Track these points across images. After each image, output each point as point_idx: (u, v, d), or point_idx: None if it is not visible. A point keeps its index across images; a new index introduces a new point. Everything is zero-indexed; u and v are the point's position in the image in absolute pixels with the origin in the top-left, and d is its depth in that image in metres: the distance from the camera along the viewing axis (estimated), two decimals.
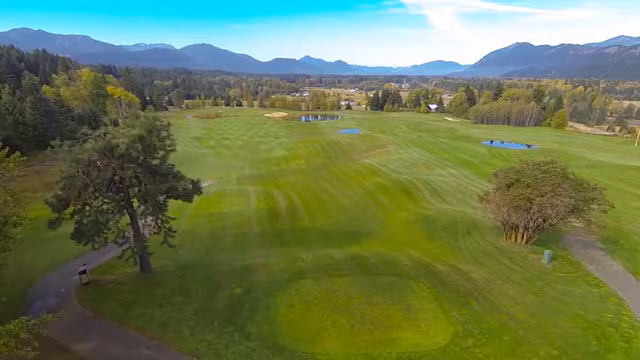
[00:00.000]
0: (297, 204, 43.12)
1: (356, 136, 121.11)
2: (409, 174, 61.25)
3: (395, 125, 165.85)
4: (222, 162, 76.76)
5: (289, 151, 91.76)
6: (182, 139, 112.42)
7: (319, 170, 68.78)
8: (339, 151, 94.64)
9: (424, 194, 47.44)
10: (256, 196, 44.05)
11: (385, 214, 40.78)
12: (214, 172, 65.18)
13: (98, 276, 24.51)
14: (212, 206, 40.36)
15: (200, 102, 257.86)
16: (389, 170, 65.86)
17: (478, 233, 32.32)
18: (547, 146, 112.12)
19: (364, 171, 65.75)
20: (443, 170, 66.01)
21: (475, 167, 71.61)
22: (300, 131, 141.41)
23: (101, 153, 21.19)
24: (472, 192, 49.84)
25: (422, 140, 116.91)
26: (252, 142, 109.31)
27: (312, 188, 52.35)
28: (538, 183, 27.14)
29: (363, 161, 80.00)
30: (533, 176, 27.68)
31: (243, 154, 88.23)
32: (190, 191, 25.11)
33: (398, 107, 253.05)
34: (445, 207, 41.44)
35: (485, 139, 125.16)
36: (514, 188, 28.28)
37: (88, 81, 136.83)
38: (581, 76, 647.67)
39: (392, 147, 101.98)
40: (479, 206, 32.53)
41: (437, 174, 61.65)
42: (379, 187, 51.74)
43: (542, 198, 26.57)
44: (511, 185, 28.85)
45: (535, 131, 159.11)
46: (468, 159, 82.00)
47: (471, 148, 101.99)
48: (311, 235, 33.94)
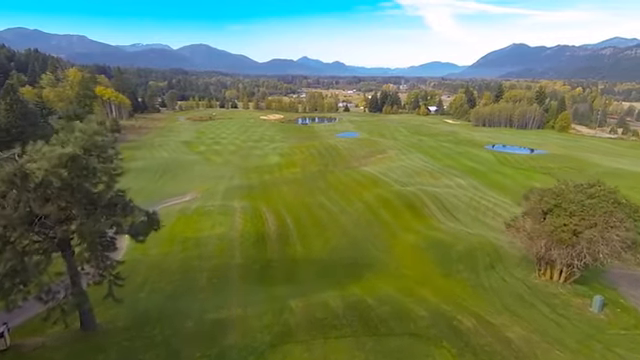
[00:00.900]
0: (289, 224, 37.50)
1: (355, 140, 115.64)
2: (413, 185, 55.77)
3: (394, 128, 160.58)
4: (211, 170, 71.01)
5: (284, 157, 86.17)
6: (171, 144, 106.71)
7: (315, 179, 63.21)
8: (337, 157, 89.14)
9: (432, 210, 41.94)
10: (242, 215, 38.40)
11: (389, 236, 35.25)
12: (200, 183, 59.50)
13: (22, 338, 18.79)
14: (190, 228, 34.66)
15: (194, 103, 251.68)
16: (391, 180, 60.34)
17: (503, 266, 26.85)
18: (554, 150, 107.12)
19: (364, 181, 60.22)
20: (450, 180, 60.56)
21: (483, 176, 66.25)
22: (296, 135, 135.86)
23: (9, 183, 15.44)
24: (485, 208, 44.46)
25: (423, 144, 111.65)
26: (245, 147, 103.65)
27: (307, 202, 46.74)
28: (585, 211, 21.68)
29: (362, 169, 74.47)
30: (578, 202, 22.19)
31: (234, 161, 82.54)
32: (143, 227, 19.38)
33: (397, 109, 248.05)
34: (458, 228, 35.95)
35: (488, 143, 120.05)
36: (553, 216, 22.78)
37: (75, 81, 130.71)
38: (578, 77, 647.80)
39: (393, 152, 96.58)
40: (506, 234, 26.96)
41: (444, 185, 56.20)
42: (381, 201, 46.24)
43: (592, 230, 21.16)
44: (549, 212, 23.38)
45: (539, 134, 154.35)
46: (474, 166, 76.64)
47: (475, 153, 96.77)
48: (303, 268, 28.42)
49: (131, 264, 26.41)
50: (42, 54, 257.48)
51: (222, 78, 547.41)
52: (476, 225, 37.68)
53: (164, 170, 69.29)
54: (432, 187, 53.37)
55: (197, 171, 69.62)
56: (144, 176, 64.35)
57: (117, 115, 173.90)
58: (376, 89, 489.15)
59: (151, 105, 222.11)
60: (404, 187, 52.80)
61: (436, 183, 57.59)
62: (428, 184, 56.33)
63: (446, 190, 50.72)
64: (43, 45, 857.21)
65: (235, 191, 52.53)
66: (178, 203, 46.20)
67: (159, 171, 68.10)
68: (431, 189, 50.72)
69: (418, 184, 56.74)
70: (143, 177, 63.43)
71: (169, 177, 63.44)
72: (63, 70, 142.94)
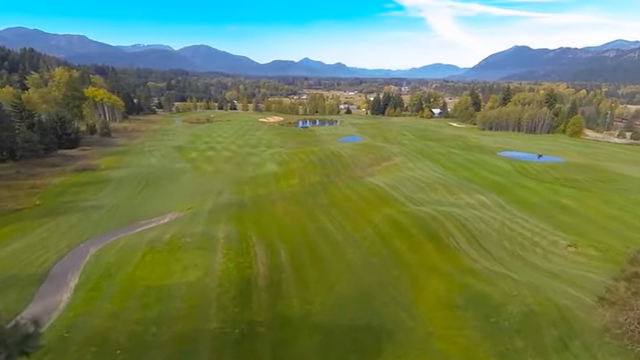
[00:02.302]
0: (283, 262, 29.98)
1: (358, 146, 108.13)
2: (429, 203, 48.25)
3: (398, 132, 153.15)
4: (199, 182, 63.44)
5: (282, 166, 78.65)
6: (162, 149, 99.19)
7: (316, 194, 55.71)
8: (339, 165, 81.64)
9: (459, 242, 34.37)
10: (226, 249, 30.87)
11: (411, 281, 27.73)
12: (185, 199, 52.00)
13: None
14: (156, 272, 27.10)
15: (191, 105, 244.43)
16: (402, 196, 52.86)
17: (580, 343, 19.30)
18: (571, 158, 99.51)
19: (371, 196, 52.73)
20: (470, 196, 52.98)
21: (506, 191, 58.64)
22: (296, 139, 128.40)
23: None
24: (522, 237, 36.85)
25: (431, 150, 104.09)
26: (241, 153, 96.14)
27: (305, 227, 39.20)
28: None
29: (368, 180, 66.93)
30: None
31: (227, 170, 74.96)
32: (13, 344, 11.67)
33: (400, 111, 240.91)
34: (499, 272, 28.30)
35: (500, 149, 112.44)
36: None
37: (61, 82, 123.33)
38: (581, 79, 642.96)
39: (399, 159, 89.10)
40: (599, 311, 19.32)
41: (465, 204, 48.61)
42: (394, 226, 38.74)
43: None
44: None
45: (550, 139, 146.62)
46: (493, 179, 69.10)
47: (489, 162, 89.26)
48: (300, 338, 20.84)
49: (62, 335, 18.93)
50: (37, 53, 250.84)
51: (223, 79, 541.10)
52: (519, 265, 30.09)
53: (148, 181, 61.83)
54: (452, 207, 45.82)
55: (184, 183, 62.08)
56: (124, 189, 56.93)
57: (110, 117, 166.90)
58: (377, 91, 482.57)
59: (146, 106, 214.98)
60: (419, 207, 45.25)
61: (455, 201, 50.01)
62: (447, 202, 48.78)
63: (470, 212, 43.10)
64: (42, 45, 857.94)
65: (223, 211, 44.99)
66: (153, 227, 38.80)
67: (142, 182, 60.63)
68: (452, 210, 43.16)
69: (434, 202, 49.21)
70: (122, 190, 56.01)
71: (151, 190, 56.00)
72: (49, 70, 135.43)
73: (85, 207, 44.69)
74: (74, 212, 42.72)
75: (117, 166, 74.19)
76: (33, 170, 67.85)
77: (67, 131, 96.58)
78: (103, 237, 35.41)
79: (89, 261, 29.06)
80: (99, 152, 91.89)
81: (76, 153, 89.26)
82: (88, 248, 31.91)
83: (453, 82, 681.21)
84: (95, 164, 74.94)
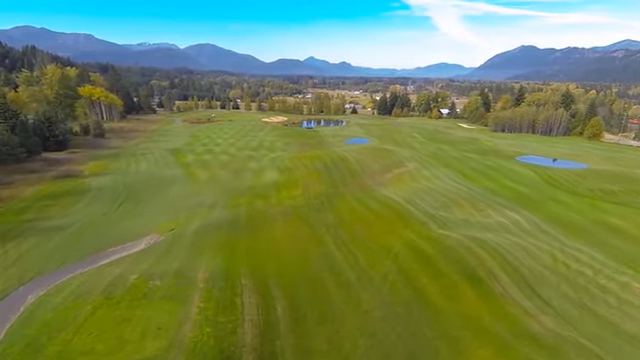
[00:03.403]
0: (279, 320, 22.64)
1: (366, 149, 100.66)
2: (456, 225, 40.78)
3: (407, 133, 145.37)
4: (190, 193, 56.18)
5: (283, 173, 71.39)
6: (155, 152, 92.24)
7: (321, 210, 48.49)
8: (347, 173, 74.31)
9: (504, 284, 26.93)
10: (203, 299, 23.51)
11: (452, 351, 20.43)
12: (169, 215, 44.77)
13: None
14: (103, 339, 19.70)
15: (193, 104, 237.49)
16: (422, 213, 45.48)
17: None
18: (597, 165, 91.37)
19: (387, 214, 45.42)
20: (500, 214, 45.44)
21: (540, 207, 50.97)
22: (300, 141, 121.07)
23: None
24: (584, 278, 29.19)
25: (445, 155, 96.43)
26: (240, 157, 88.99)
27: (309, 259, 31.95)
28: None
29: (381, 192, 59.56)
30: None
31: (223, 178, 67.76)
32: None
33: (408, 112, 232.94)
34: (571, 338, 20.78)
35: (518, 154, 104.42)
36: None
37: (54, 80, 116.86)
38: (589, 80, 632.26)
39: (412, 166, 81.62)
40: None
41: (497, 224, 41.05)
42: (419, 257, 31.43)
43: None
44: None
45: (568, 142, 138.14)
46: (520, 190, 61.40)
47: (510, 168, 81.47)
48: None
49: None
50: (39, 51, 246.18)
51: (227, 77, 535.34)
52: (592, 325, 22.58)
53: (131, 192, 54.65)
54: (484, 230, 38.32)
55: (172, 194, 54.81)
56: (101, 202, 49.71)
57: (107, 116, 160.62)
58: (382, 90, 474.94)
59: (147, 106, 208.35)
60: (446, 230, 37.80)
61: (485, 221, 42.47)
62: (476, 223, 41.25)
63: (508, 239, 35.53)
64: (49, 43, 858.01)
65: (210, 233, 37.74)
66: (121, 260, 31.64)
67: (124, 193, 53.45)
68: (486, 237, 35.64)
69: (462, 223, 41.67)
70: (99, 203, 48.82)
71: (133, 204, 48.87)
72: (40, 67, 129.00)
73: (47, 228, 37.55)
74: (31, 235, 35.51)
75: (102, 172, 67.27)
76: (8, 178, 61.08)
77: (54, 132, 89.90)
78: (54, 275, 28.30)
79: (20, 318, 21.91)
80: (87, 155, 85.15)
81: (63, 156, 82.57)
82: (27, 295, 24.82)
83: (459, 82, 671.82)
84: (79, 170, 68.11)
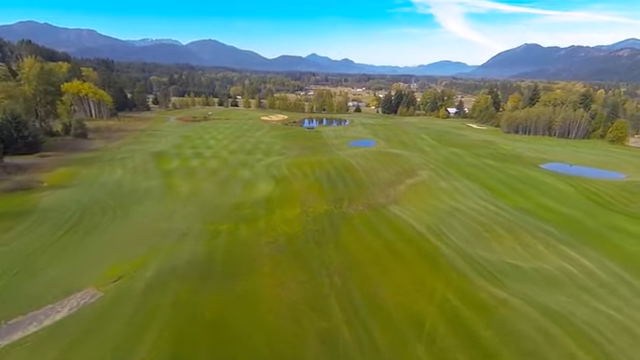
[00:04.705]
0: None
1: (372, 153, 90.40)
2: (505, 276, 30.62)
3: (416, 134, 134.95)
4: (160, 214, 45.80)
5: (278, 185, 61.22)
6: (137, 156, 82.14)
7: (323, 241, 38.40)
8: (352, 184, 64.12)
9: None
10: None
11: None
12: (122, 252, 34.26)
13: None
14: None
15: (189, 101, 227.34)
16: (455, 252, 35.40)
17: None
18: (633, 175, 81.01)
19: (407, 251, 35.34)
20: (554, 252, 35.19)
21: (603, 242, 40.51)
22: (300, 143, 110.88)
23: None
24: None
25: (461, 162, 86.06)
26: (232, 163, 78.89)
27: (306, 343, 21.92)
28: None
29: (394, 212, 49.37)
30: None
31: (207, 191, 57.50)
32: None
33: (414, 111, 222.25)
34: None
35: (541, 160, 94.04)
36: None
37: (31, 74, 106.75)
38: (594, 79, 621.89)
39: (426, 174, 71.43)
40: None
41: (562, 273, 30.80)
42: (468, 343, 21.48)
43: None
44: None
45: (590, 146, 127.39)
46: (564, 212, 50.95)
47: (539, 179, 71.12)
48: None
49: None
50: (35, 45, 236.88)
51: (228, 74, 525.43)
52: None
53: (86, 213, 44.03)
54: (549, 287, 28.19)
55: (138, 217, 44.41)
56: (43, 227, 38.90)
57: (97, 114, 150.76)
58: (385, 87, 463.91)
59: (140, 102, 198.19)
60: (498, 288, 27.63)
61: (543, 268, 32.09)
62: (533, 273, 30.97)
63: (590, 306, 25.24)
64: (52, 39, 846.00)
65: (166, 290, 27.37)
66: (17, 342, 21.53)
67: (76, 215, 42.89)
68: (557, 302, 25.45)
69: (514, 274, 31.30)
70: (39, 230, 38.14)
71: (82, 232, 38.40)
72: (17, 60, 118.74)
73: None
74: None
75: (65, 184, 57.16)
76: None
77: (23, 133, 79.95)
78: None
79: None
80: (58, 160, 75.16)
81: (29, 162, 72.61)
82: None
83: (463, 79, 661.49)
84: (38, 180, 58.05)
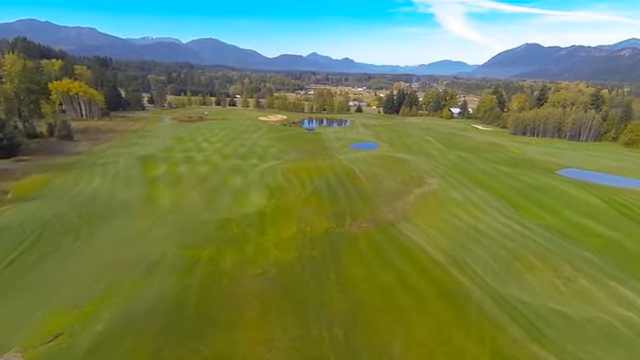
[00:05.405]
0: None
1: (376, 158, 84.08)
2: (553, 329, 24.51)
3: (420, 136, 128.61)
4: (133, 235, 39.39)
5: (273, 196, 54.82)
6: (122, 161, 75.77)
7: (322, 273, 32.10)
8: (355, 194, 57.73)
9: None
10: None
11: None
12: (70, 293, 27.57)
13: None
14: None
15: (185, 100, 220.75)
16: (485, 293, 29.34)
17: None
18: None
19: (426, 293, 29.24)
20: (604, 290, 28.97)
21: None
22: (298, 146, 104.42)
23: None
24: None
25: (472, 167, 79.74)
26: (223, 169, 72.54)
27: None
28: None
29: (405, 232, 42.97)
30: None
31: (191, 203, 51.11)
32: None
33: (416, 111, 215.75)
34: None
35: (557, 165, 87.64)
36: None
37: (13, 72, 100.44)
38: (596, 79, 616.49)
39: (435, 183, 65.11)
40: None
41: (623, 325, 24.56)
42: None
43: None
44: None
45: (604, 150, 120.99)
46: (600, 231, 44.50)
47: (562, 190, 64.36)
48: None
49: None
50: (30, 43, 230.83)
51: (228, 72, 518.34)
52: None
53: (45, 234, 37.52)
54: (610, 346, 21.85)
55: (103, 240, 37.68)
56: None
57: (88, 114, 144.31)
58: (386, 87, 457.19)
59: (135, 101, 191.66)
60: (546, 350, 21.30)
61: (596, 317, 25.83)
62: (586, 324, 24.81)
63: None
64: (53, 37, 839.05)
65: (118, 353, 21.29)
66: None
67: (32, 236, 36.28)
68: None
69: (564, 326, 25.02)
70: None
71: (33, 260, 31.89)
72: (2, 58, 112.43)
73: None
74: None
75: (32, 195, 50.74)
76: None
77: None
78: None
79: None
80: (34, 166, 68.77)
81: (3, 167, 66.35)
82: None
83: (464, 79, 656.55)
84: (3, 190, 51.61)
